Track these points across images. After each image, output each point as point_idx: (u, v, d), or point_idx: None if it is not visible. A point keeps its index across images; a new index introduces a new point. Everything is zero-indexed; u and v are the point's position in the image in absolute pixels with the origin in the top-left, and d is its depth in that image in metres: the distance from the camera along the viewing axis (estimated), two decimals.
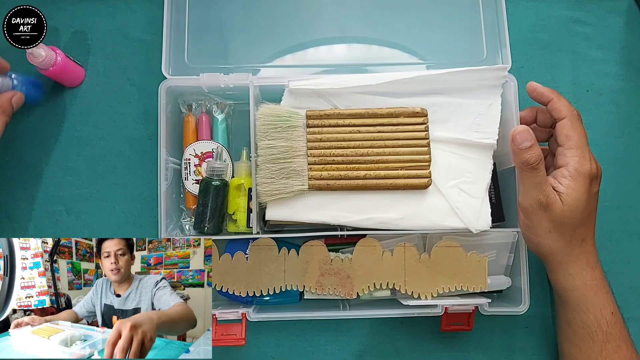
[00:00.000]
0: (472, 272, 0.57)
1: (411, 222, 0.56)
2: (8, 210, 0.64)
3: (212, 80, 0.58)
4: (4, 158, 0.65)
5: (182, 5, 0.61)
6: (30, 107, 0.65)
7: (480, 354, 0.64)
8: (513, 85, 0.58)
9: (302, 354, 0.63)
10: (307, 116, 0.56)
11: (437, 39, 0.63)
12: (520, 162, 0.52)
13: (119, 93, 0.66)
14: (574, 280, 0.54)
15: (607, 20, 0.68)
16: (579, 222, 0.52)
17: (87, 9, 0.67)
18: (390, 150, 0.56)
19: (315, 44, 0.63)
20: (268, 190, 0.55)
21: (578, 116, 0.54)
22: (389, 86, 0.57)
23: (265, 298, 0.59)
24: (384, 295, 0.59)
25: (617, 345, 0.53)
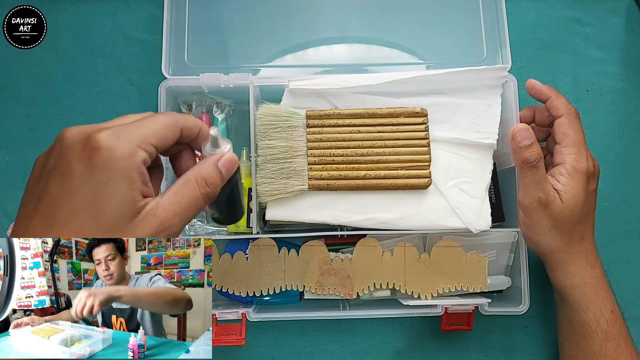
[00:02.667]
0: (472, 272, 0.57)
1: (411, 222, 0.56)
2: (8, 210, 0.64)
3: (212, 80, 0.58)
4: (4, 158, 0.65)
5: (182, 5, 0.61)
6: (30, 106, 0.65)
7: (480, 354, 0.64)
8: (513, 85, 0.58)
9: (302, 354, 0.63)
10: (307, 116, 0.56)
11: (437, 39, 0.63)
12: (520, 161, 0.52)
13: (119, 93, 0.66)
14: (574, 278, 0.54)
15: (607, 20, 0.68)
16: (578, 220, 0.53)
17: (87, 9, 0.67)
18: (390, 150, 0.56)
19: (315, 44, 0.63)
20: (268, 190, 0.55)
21: (576, 114, 0.54)
22: (389, 86, 0.57)
23: (265, 298, 0.59)
24: (384, 295, 0.59)
25: (616, 344, 0.53)
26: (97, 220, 0.32)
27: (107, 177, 0.32)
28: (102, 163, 0.31)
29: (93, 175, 0.31)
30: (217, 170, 0.37)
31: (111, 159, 0.32)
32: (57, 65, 0.66)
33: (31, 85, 0.65)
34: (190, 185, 0.36)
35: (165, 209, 0.34)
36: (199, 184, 0.36)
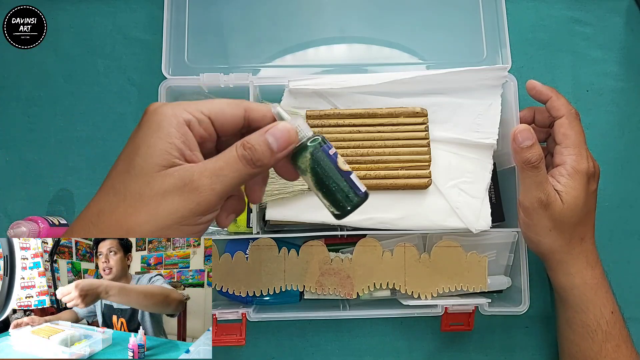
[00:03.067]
0: (472, 272, 0.57)
1: (411, 222, 0.56)
2: (8, 210, 0.64)
3: (212, 80, 0.58)
4: (4, 158, 0.65)
5: (182, 5, 0.61)
6: (30, 106, 0.65)
7: (480, 354, 0.64)
8: (513, 85, 0.58)
9: (302, 354, 0.63)
10: (307, 116, 0.56)
11: (437, 39, 0.63)
12: (521, 161, 0.52)
13: (119, 93, 0.66)
14: (574, 279, 0.54)
15: (607, 20, 0.68)
16: (579, 221, 0.53)
17: (87, 9, 0.67)
18: (390, 150, 0.56)
19: (315, 44, 0.63)
20: (268, 190, 0.55)
21: (576, 115, 0.54)
22: (389, 86, 0.57)
23: (265, 298, 0.59)
24: (384, 295, 0.59)
25: (616, 345, 0.53)
26: (129, 166, 0.33)
27: (145, 130, 0.34)
28: (146, 120, 0.34)
29: (137, 130, 0.34)
30: (263, 138, 0.36)
31: (154, 116, 0.34)
32: (57, 65, 0.66)
33: (31, 85, 0.65)
34: (230, 150, 0.35)
35: (198, 167, 0.34)
36: (237, 147, 0.35)
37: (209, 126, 0.36)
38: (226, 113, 0.36)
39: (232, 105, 0.36)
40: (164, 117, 0.34)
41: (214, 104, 0.36)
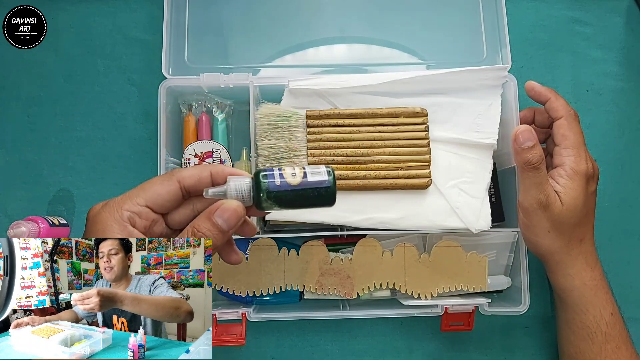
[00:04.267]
0: (472, 272, 0.57)
1: (411, 222, 0.56)
2: (8, 210, 0.64)
3: (212, 80, 0.58)
4: (4, 158, 0.65)
5: (182, 5, 0.61)
6: (30, 106, 0.65)
7: (480, 354, 0.64)
8: (513, 85, 0.58)
9: (302, 354, 0.63)
10: (307, 116, 0.56)
11: (437, 39, 0.63)
12: (522, 162, 0.52)
13: (119, 93, 0.66)
14: (573, 280, 0.54)
15: (607, 20, 0.68)
16: (578, 222, 0.53)
17: (87, 9, 0.67)
18: (390, 150, 0.56)
19: (315, 44, 0.63)
20: None
21: (575, 116, 0.54)
22: (389, 86, 0.57)
23: (265, 298, 0.59)
24: (384, 295, 0.59)
25: (616, 346, 0.53)
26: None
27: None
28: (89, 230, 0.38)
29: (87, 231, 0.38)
30: (211, 222, 0.37)
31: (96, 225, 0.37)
32: (57, 65, 0.66)
33: (31, 85, 0.65)
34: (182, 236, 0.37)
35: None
36: (187, 233, 0.37)
37: (150, 214, 0.37)
38: (162, 194, 0.37)
39: (165, 183, 0.37)
40: (105, 225, 0.36)
41: (147, 190, 0.37)
